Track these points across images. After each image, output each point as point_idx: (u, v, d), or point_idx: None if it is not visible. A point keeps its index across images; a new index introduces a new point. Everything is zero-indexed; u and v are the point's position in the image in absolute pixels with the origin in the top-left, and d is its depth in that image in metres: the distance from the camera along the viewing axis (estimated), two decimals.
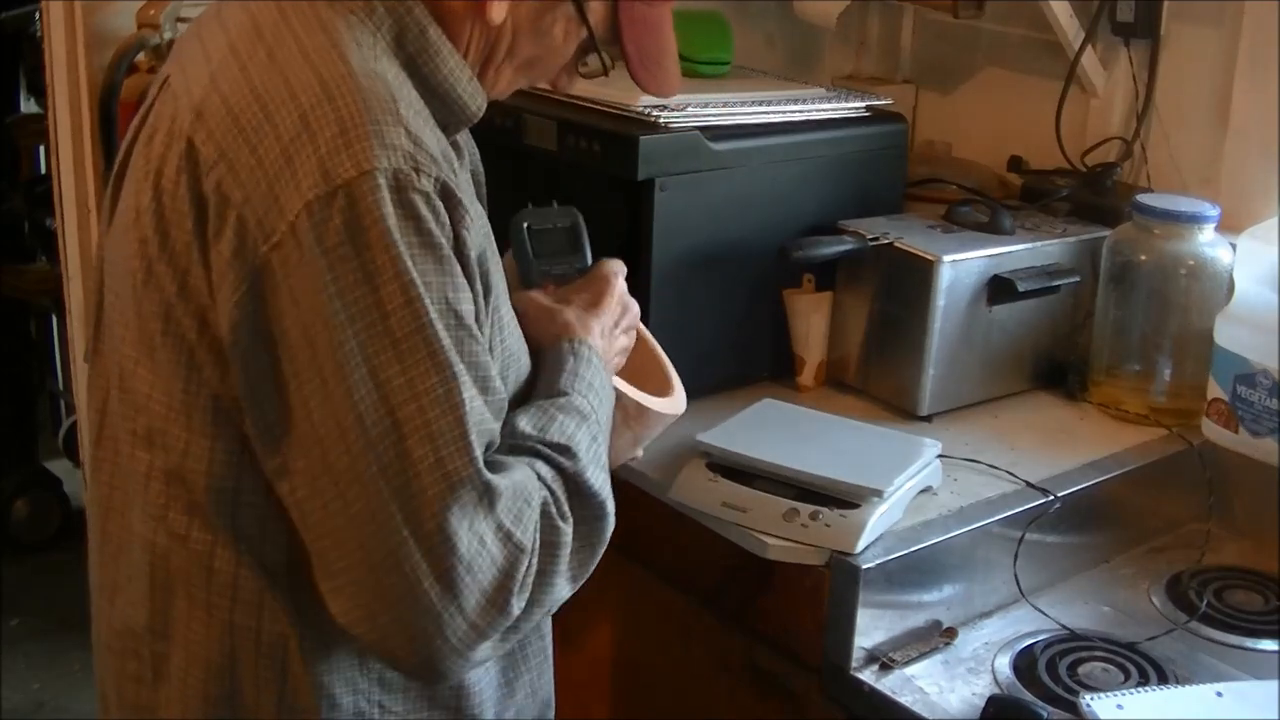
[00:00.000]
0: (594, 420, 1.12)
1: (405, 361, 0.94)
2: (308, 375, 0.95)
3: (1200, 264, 1.72)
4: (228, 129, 0.98)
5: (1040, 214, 1.90)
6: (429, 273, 0.96)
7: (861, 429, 1.61)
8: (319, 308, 0.93)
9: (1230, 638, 1.48)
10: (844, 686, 1.40)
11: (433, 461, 0.94)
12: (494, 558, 0.97)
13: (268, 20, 1.03)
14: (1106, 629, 1.48)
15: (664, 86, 1.21)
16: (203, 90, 1.01)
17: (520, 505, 0.99)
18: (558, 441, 1.06)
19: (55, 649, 3.11)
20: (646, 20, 1.16)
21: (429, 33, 1.05)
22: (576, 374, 1.14)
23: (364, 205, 0.93)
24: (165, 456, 1.04)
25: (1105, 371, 1.80)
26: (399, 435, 0.94)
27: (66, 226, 2.13)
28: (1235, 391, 1.63)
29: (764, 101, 1.76)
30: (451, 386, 0.95)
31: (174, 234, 1.00)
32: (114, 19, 1.98)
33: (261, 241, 0.95)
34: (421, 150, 0.97)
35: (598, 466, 1.09)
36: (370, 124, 0.95)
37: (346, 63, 0.98)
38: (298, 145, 0.95)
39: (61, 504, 3.50)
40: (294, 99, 0.96)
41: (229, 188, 0.96)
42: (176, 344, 1.02)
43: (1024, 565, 1.51)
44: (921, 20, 2.32)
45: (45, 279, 3.16)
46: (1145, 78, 1.95)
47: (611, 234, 1.80)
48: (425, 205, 0.96)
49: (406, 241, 0.95)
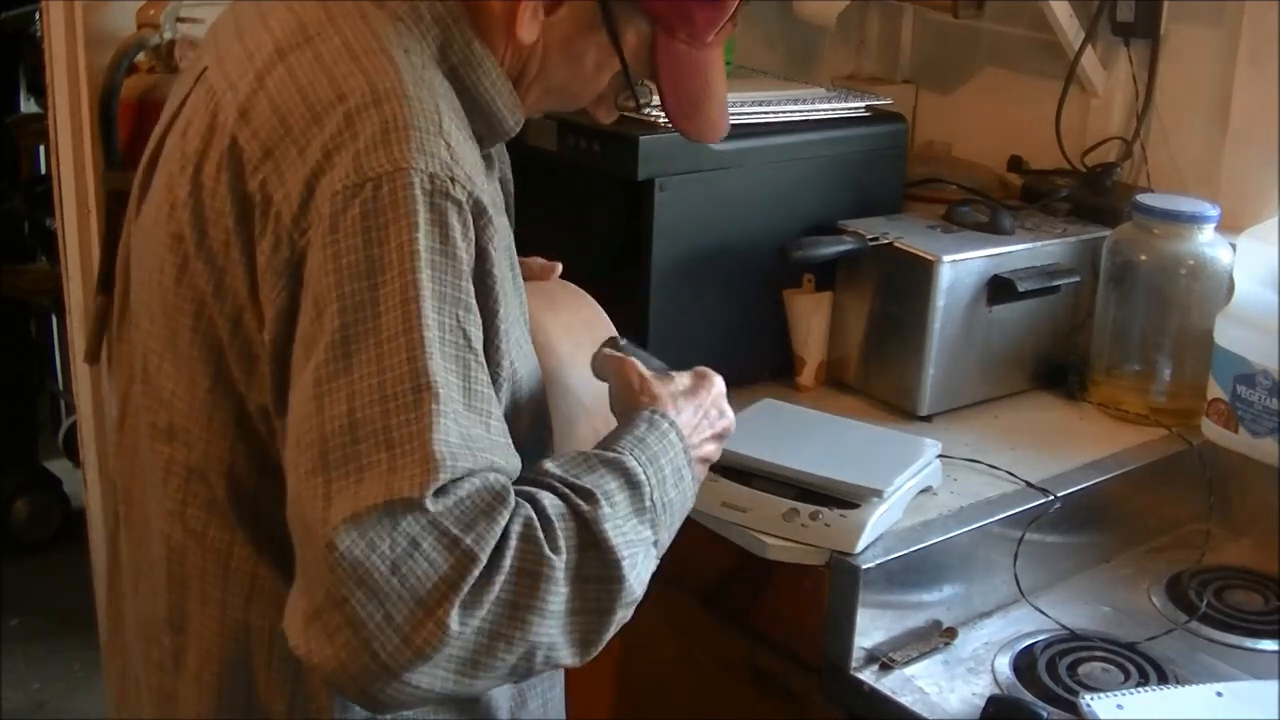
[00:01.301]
0: (645, 492, 1.00)
1: (383, 362, 0.90)
2: (299, 357, 0.93)
3: (1200, 264, 1.72)
4: (274, 129, 0.96)
5: (1040, 214, 1.90)
6: (446, 283, 0.93)
7: (861, 429, 1.61)
8: (320, 292, 0.92)
9: (1230, 638, 1.48)
10: (844, 686, 1.40)
11: (385, 469, 0.87)
12: (431, 562, 0.87)
13: (313, 19, 1.02)
14: (1106, 629, 1.48)
15: (703, 133, 1.16)
16: (248, 89, 1.00)
17: (473, 513, 0.89)
18: (583, 486, 0.97)
19: (55, 649, 3.10)
20: (688, 61, 1.11)
21: (474, 45, 1.04)
22: (642, 441, 1.04)
23: (393, 199, 0.91)
24: (186, 453, 1.03)
25: (1105, 371, 1.80)
26: (354, 435, 0.88)
27: (66, 226, 2.12)
28: (1235, 391, 1.63)
29: (764, 101, 1.76)
30: (424, 397, 0.89)
31: (212, 231, 0.99)
32: (114, 19, 1.98)
33: (298, 236, 0.94)
34: (459, 165, 0.96)
35: (628, 532, 0.97)
36: (413, 129, 0.94)
37: (396, 68, 0.97)
38: (339, 142, 0.94)
39: (61, 504, 3.50)
40: (341, 100, 0.95)
41: (272, 187, 0.95)
42: (206, 343, 1.01)
43: (1024, 565, 1.51)
44: (921, 20, 2.32)
45: (45, 279, 3.16)
46: (1145, 78, 1.95)
47: (611, 234, 1.81)
48: (456, 214, 0.94)
49: (429, 246, 0.92)
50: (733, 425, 1.17)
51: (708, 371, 1.18)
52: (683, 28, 1.09)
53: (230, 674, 1.05)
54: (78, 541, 2.48)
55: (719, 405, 1.16)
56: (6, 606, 3.23)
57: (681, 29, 1.09)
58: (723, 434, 1.17)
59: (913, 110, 2.31)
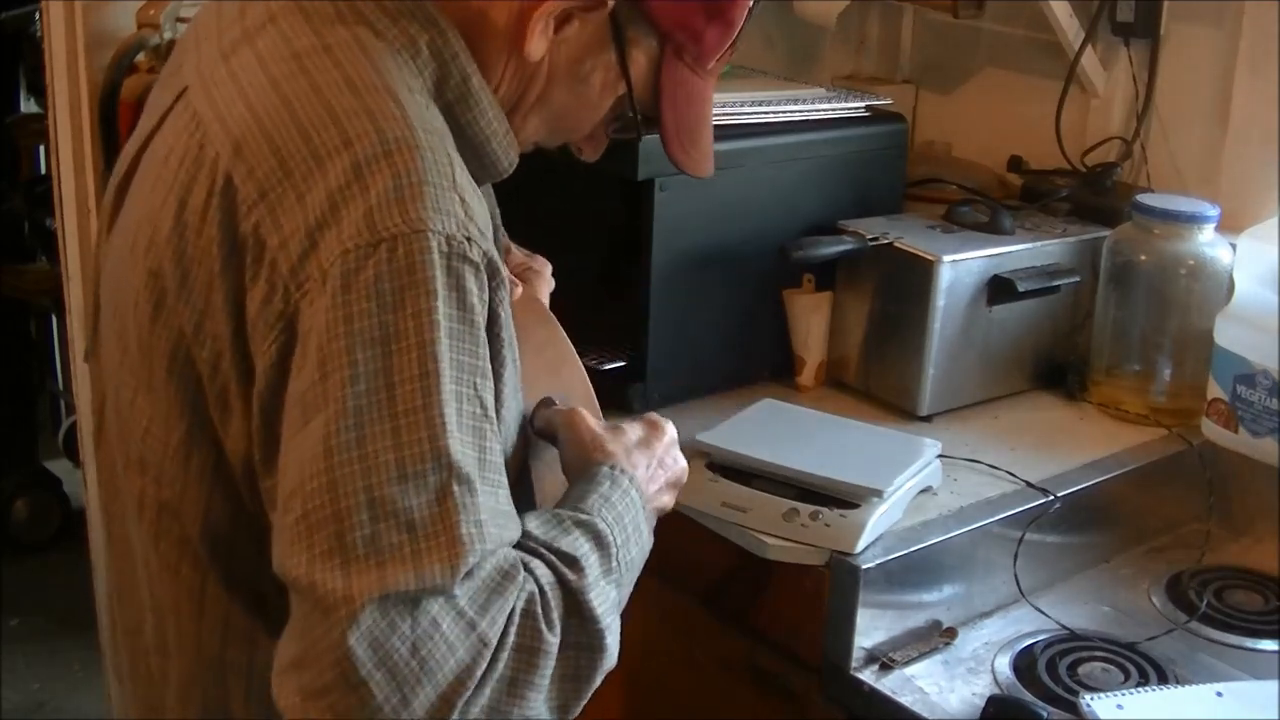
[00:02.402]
0: (612, 554, 0.99)
1: (400, 438, 0.85)
2: (294, 417, 0.88)
3: (1200, 264, 1.72)
4: (272, 170, 0.91)
5: (1040, 214, 1.90)
6: (464, 351, 0.89)
7: (861, 429, 1.61)
8: (328, 355, 0.86)
9: (1230, 638, 1.48)
10: (844, 686, 1.40)
11: (407, 552, 0.84)
12: (450, 646, 0.84)
13: (306, 48, 0.96)
14: (1106, 629, 1.48)
15: (698, 165, 1.13)
16: (241, 123, 0.94)
17: (488, 594, 0.86)
18: (566, 551, 0.94)
19: (55, 649, 3.11)
20: (691, 88, 1.08)
21: (471, 82, 1.00)
22: (608, 500, 1.02)
23: (410, 264, 0.87)
24: (158, 489, 1.00)
25: (1105, 371, 1.80)
26: (373, 514, 0.84)
27: (66, 226, 2.13)
28: (1235, 391, 1.63)
29: (764, 101, 1.76)
30: (447, 479, 0.85)
31: (195, 271, 0.94)
32: (114, 19, 1.98)
33: (294, 288, 0.89)
34: (473, 221, 0.91)
35: (605, 598, 0.96)
36: (427, 185, 0.89)
37: (403, 111, 0.92)
38: (347, 194, 0.88)
39: (61, 504, 3.50)
40: (347, 146, 0.90)
41: (267, 231, 0.90)
42: (183, 384, 0.96)
43: (1024, 565, 1.51)
44: (921, 20, 2.32)
45: (45, 279, 3.16)
46: (1145, 78, 1.95)
47: (611, 234, 1.81)
48: (473, 277, 0.90)
49: (448, 314, 0.88)
50: (685, 473, 1.15)
51: (658, 419, 1.15)
52: (691, 48, 1.06)
53: (212, 703, 1.03)
54: (78, 541, 2.48)
55: (672, 453, 1.13)
56: (6, 606, 3.23)
57: (690, 49, 1.06)
58: (676, 482, 1.14)
59: (913, 110, 2.31)
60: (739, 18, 1.07)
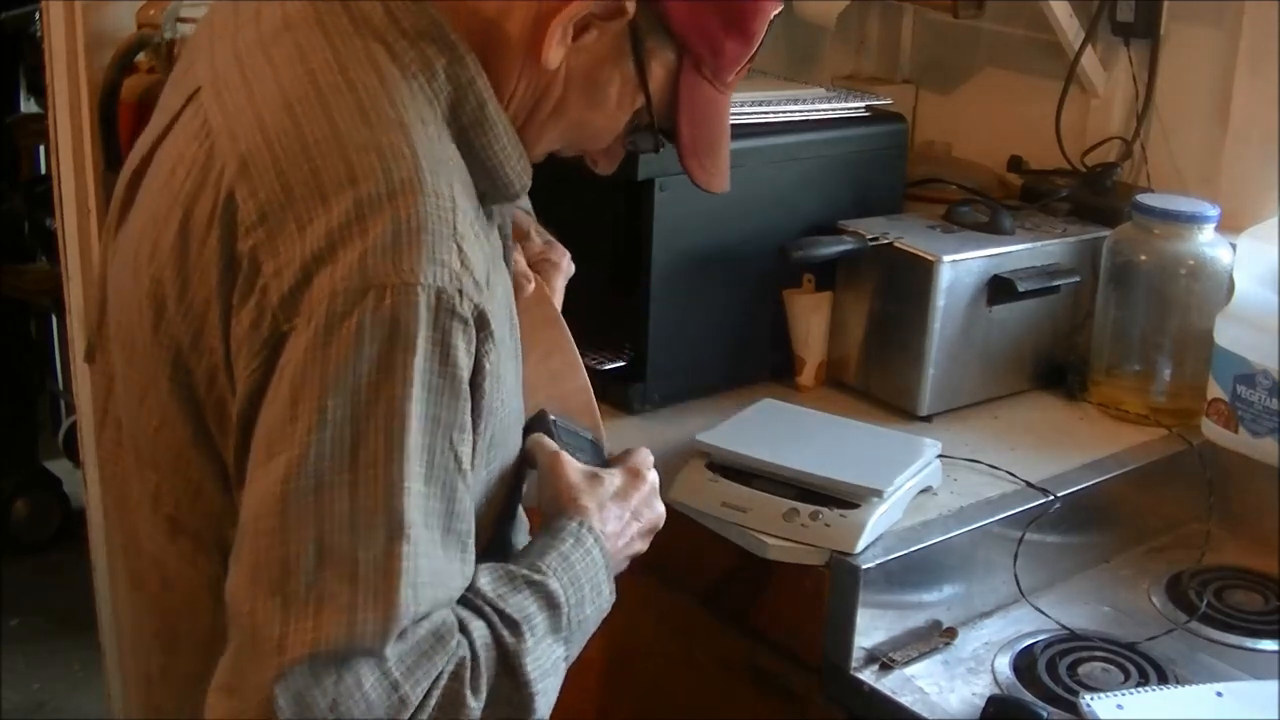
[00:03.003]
0: (563, 614, 0.99)
1: (358, 490, 0.85)
2: (262, 447, 0.88)
3: (1200, 264, 1.72)
4: (275, 193, 0.90)
5: (1040, 214, 1.90)
6: (442, 405, 0.89)
7: (861, 429, 1.61)
8: (300, 395, 0.86)
9: (1230, 638, 1.48)
10: (844, 686, 1.40)
11: (344, 603, 0.84)
12: (370, 704, 0.85)
13: (321, 64, 0.94)
14: (1106, 629, 1.48)
15: (714, 180, 1.11)
16: (250, 139, 0.93)
17: (416, 657, 0.87)
18: (509, 614, 0.95)
19: (55, 649, 3.11)
20: (707, 102, 1.06)
21: (487, 108, 0.99)
22: (567, 560, 1.02)
23: (395, 316, 0.86)
24: (171, 488, 1.00)
25: (1105, 371, 1.80)
26: (320, 563, 0.85)
27: (66, 226, 2.13)
28: (1235, 391, 1.63)
29: (764, 101, 1.76)
30: (395, 536, 0.86)
31: (195, 284, 0.94)
32: (114, 19, 1.98)
33: (283, 319, 0.88)
34: (468, 272, 0.90)
35: (544, 659, 0.96)
36: (425, 232, 0.88)
37: (412, 148, 0.91)
38: (346, 234, 0.88)
39: (61, 504, 3.50)
40: (353, 183, 0.89)
41: (263, 255, 0.89)
42: (184, 394, 0.97)
43: (1024, 565, 1.51)
44: (921, 20, 2.32)
45: (45, 279, 3.16)
46: (1145, 78, 1.95)
47: (611, 234, 1.81)
48: (461, 333, 0.89)
49: (428, 369, 0.87)
50: (662, 519, 1.15)
51: (639, 468, 1.15)
52: (710, 60, 1.04)
53: None
54: (78, 541, 2.48)
55: (648, 502, 1.14)
56: (6, 606, 3.23)
57: (709, 62, 1.04)
58: (652, 529, 1.15)
59: (913, 110, 2.31)
60: (759, 30, 1.06)
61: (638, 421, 1.70)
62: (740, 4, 1.03)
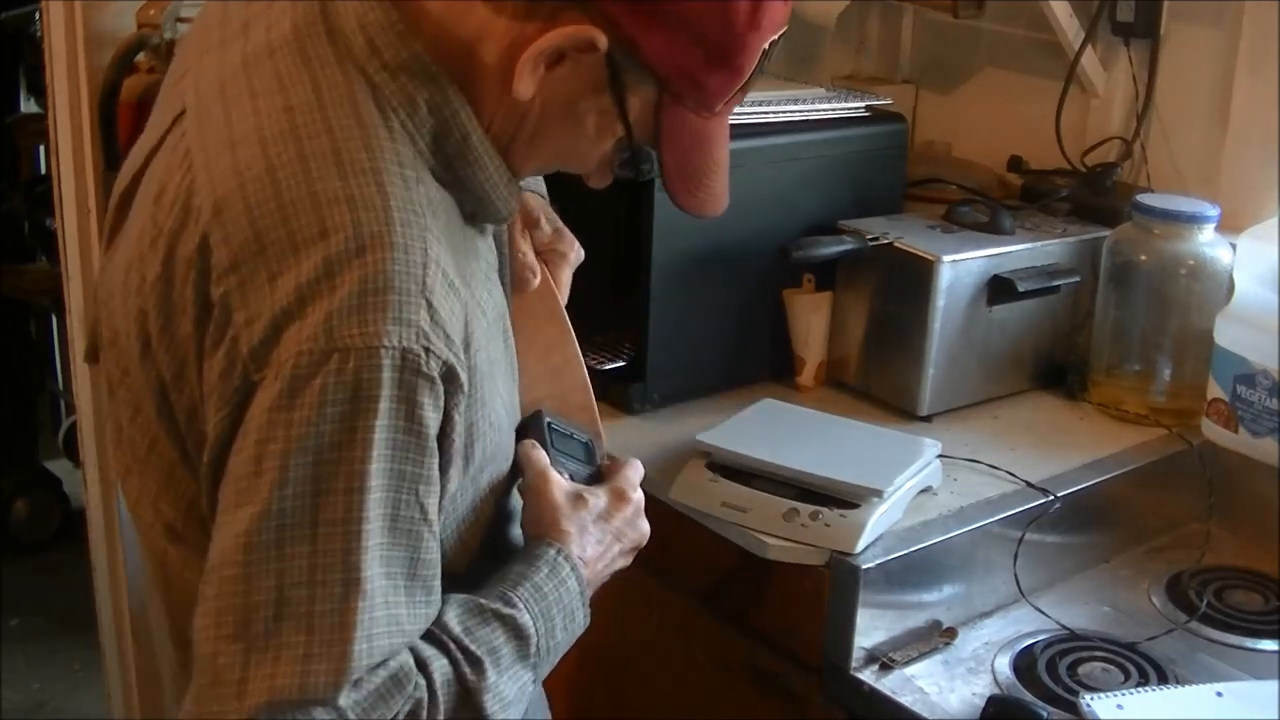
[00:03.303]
0: (531, 644, 1.01)
1: (317, 545, 0.87)
2: (229, 495, 0.90)
3: (1200, 264, 1.72)
4: (247, 242, 0.90)
5: (1040, 214, 1.90)
6: (408, 461, 0.90)
7: (861, 429, 1.61)
8: (264, 452, 0.88)
9: (1230, 638, 1.48)
10: (844, 686, 1.40)
11: (301, 653, 0.87)
12: None
13: (301, 105, 0.94)
14: (1106, 629, 1.48)
15: (703, 207, 1.08)
16: (226, 183, 0.93)
17: (373, 701, 0.90)
18: (473, 650, 0.97)
19: (55, 649, 3.11)
20: (695, 132, 1.03)
21: (471, 140, 0.98)
22: (539, 590, 1.03)
23: (358, 380, 0.87)
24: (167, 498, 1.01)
25: (1105, 371, 1.80)
26: (280, 614, 0.87)
27: (66, 226, 2.13)
28: (1235, 391, 1.63)
29: (764, 101, 1.76)
30: (351, 593, 0.88)
31: (178, 321, 0.94)
32: (114, 19, 1.98)
33: (253, 371, 0.89)
34: (437, 329, 0.90)
35: (507, 691, 0.98)
36: (392, 292, 0.88)
37: (385, 199, 0.91)
38: (315, 290, 0.88)
39: (61, 504, 3.50)
40: (323, 236, 0.89)
41: (235, 304, 0.90)
42: (169, 422, 0.98)
43: (1024, 565, 1.51)
44: (921, 20, 2.32)
45: (45, 279, 3.16)
46: (1145, 78, 1.95)
47: (612, 234, 1.81)
48: (427, 391, 0.90)
49: (393, 425, 0.89)
50: (645, 538, 1.16)
51: (624, 489, 1.15)
52: (692, 95, 1.01)
53: None
54: (78, 541, 2.48)
55: (632, 523, 1.15)
56: (6, 606, 3.23)
57: (691, 96, 1.01)
58: (635, 548, 1.16)
59: (913, 110, 2.31)
60: (748, 64, 1.02)
61: (638, 421, 1.70)
62: (723, 39, 0.98)
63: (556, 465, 1.12)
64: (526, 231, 1.24)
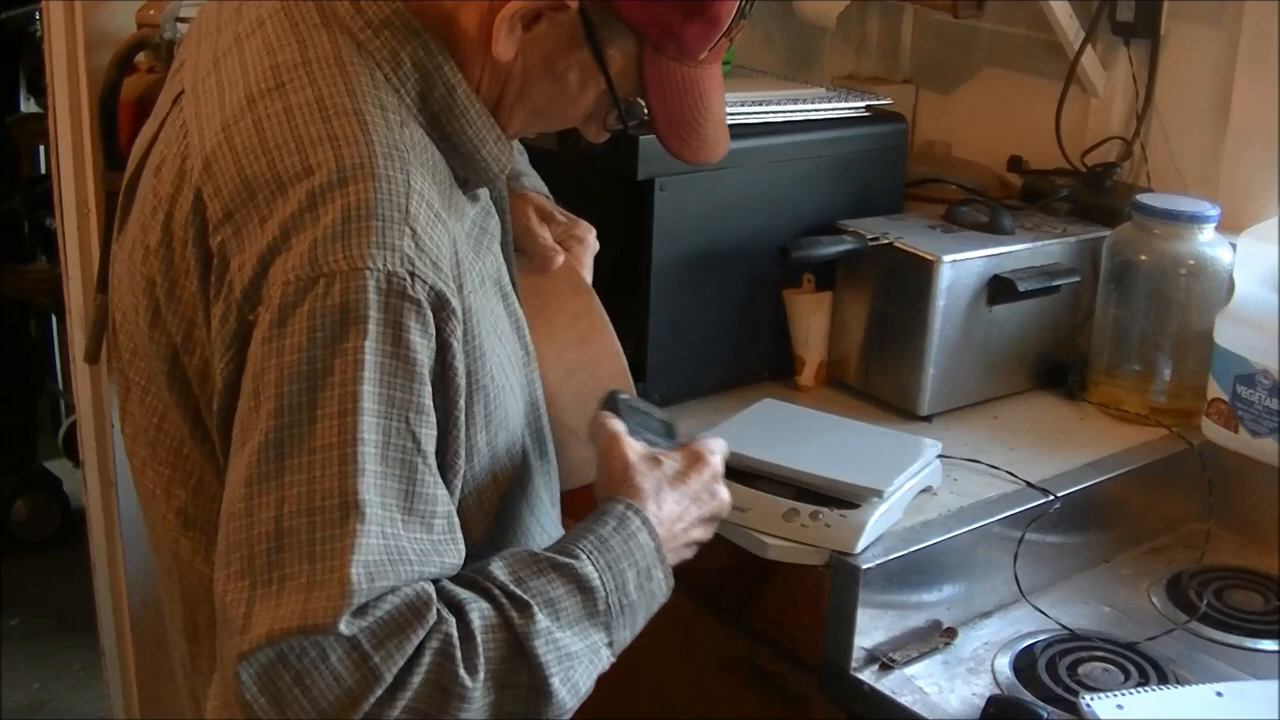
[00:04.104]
0: (599, 598, 0.98)
1: (314, 472, 0.87)
2: (236, 437, 0.91)
3: (1200, 264, 1.72)
4: (237, 190, 0.93)
5: (1040, 214, 1.90)
6: (396, 386, 0.90)
7: (861, 429, 1.61)
8: (260, 385, 0.89)
9: (1230, 638, 1.48)
10: (844, 686, 1.40)
11: (304, 582, 0.86)
12: (337, 676, 0.86)
13: (287, 60, 0.97)
14: (1106, 629, 1.48)
15: (698, 155, 1.09)
16: (215, 139, 0.96)
17: (387, 630, 0.88)
18: (519, 595, 0.94)
19: (55, 649, 3.11)
20: (680, 81, 1.04)
21: (456, 93, 1.00)
22: (605, 543, 1.01)
23: (345, 302, 0.88)
24: (179, 481, 1.02)
25: (1105, 371, 1.80)
26: (280, 544, 0.87)
27: (66, 226, 2.13)
28: (1235, 391, 1.63)
29: (764, 101, 1.76)
30: (349, 515, 0.87)
31: (182, 283, 0.96)
32: (114, 19, 1.98)
33: (248, 311, 0.91)
34: (423, 255, 0.91)
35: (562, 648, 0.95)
36: (375, 218, 0.90)
37: (368, 135, 0.93)
38: (299, 222, 0.90)
39: (61, 504, 3.50)
40: (308, 173, 0.91)
41: (230, 251, 0.92)
42: (181, 390, 0.99)
43: (1024, 565, 1.51)
44: (921, 20, 2.32)
45: (45, 279, 3.16)
46: (1145, 78, 1.95)
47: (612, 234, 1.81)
48: (414, 315, 0.90)
49: (380, 349, 0.89)
50: (725, 507, 1.15)
51: (702, 451, 1.14)
52: (671, 46, 1.03)
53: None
54: (78, 541, 2.49)
55: (710, 488, 1.13)
56: (6, 606, 3.23)
57: (670, 47, 1.03)
58: (713, 516, 1.14)
59: (913, 110, 2.31)
60: (725, 13, 1.02)
61: None
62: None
63: (634, 435, 1.11)
64: (544, 223, 1.28)
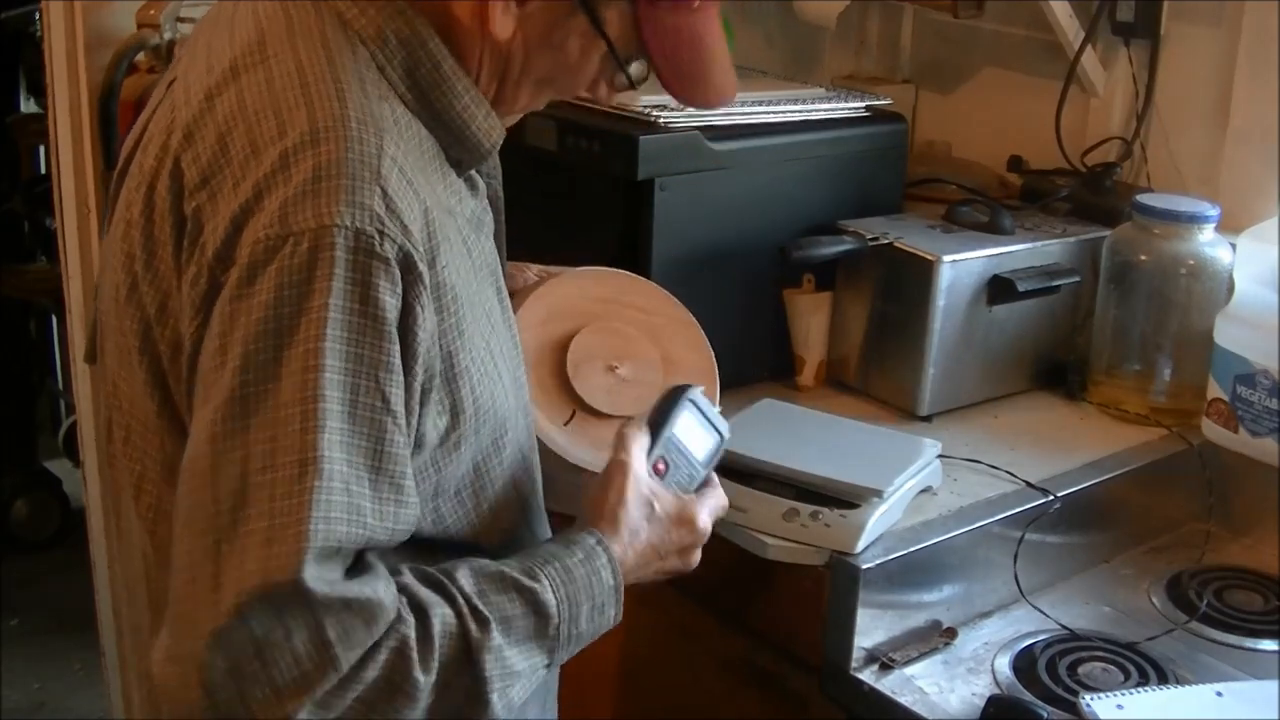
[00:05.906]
0: (551, 625, 1.00)
1: (278, 429, 0.87)
2: (199, 394, 0.91)
3: (1200, 264, 1.72)
4: (215, 156, 0.94)
5: (1040, 214, 1.90)
6: (364, 345, 0.90)
7: (861, 429, 1.61)
8: (227, 342, 0.89)
9: (1230, 638, 1.48)
10: (844, 686, 1.40)
11: (263, 539, 0.86)
12: (297, 656, 0.86)
13: (274, 34, 0.98)
14: (1106, 629, 1.48)
15: (709, 99, 1.10)
16: (197, 109, 0.97)
17: (352, 621, 0.88)
18: (481, 610, 0.95)
19: (55, 649, 3.11)
20: (678, 29, 1.05)
21: (443, 68, 1.00)
22: (569, 574, 1.02)
23: (312, 260, 0.88)
24: (151, 468, 1.02)
25: (1105, 371, 1.80)
26: (244, 500, 0.87)
27: (66, 226, 2.13)
28: (1235, 391, 1.63)
29: (764, 101, 1.76)
30: (308, 472, 0.87)
31: (160, 254, 0.97)
32: (114, 19, 1.98)
33: (220, 273, 0.91)
34: (393, 215, 0.91)
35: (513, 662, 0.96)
36: (345, 176, 0.90)
37: (342, 100, 0.93)
38: (272, 182, 0.90)
39: (61, 504, 3.50)
40: (281, 136, 0.92)
41: (205, 215, 0.93)
42: (151, 365, 0.99)
43: (1024, 565, 1.51)
44: (921, 20, 2.32)
45: (45, 279, 3.16)
46: (1145, 78, 1.95)
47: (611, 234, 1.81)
48: (382, 273, 0.90)
49: (347, 308, 0.89)
50: (688, 569, 1.16)
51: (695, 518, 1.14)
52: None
53: None
54: (78, 541, 2.48)
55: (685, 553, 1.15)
56: (6, 606, 3.23)
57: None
58: (674, 573, 1.16)
59: (913, 110, 2.31)
60: None
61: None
62: None
63: (665, 449, 1.12)
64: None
